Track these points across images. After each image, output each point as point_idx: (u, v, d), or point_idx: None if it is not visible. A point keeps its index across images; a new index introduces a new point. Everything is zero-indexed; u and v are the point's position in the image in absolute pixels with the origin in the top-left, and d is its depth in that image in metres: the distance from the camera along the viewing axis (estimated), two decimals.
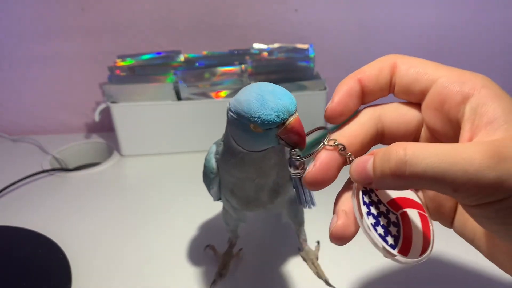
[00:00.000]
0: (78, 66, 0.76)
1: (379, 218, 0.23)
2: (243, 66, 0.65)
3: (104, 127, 0.77)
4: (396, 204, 0.24)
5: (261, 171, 0.34)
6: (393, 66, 0.24)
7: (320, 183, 0.24)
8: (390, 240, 0.23)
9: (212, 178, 0.37)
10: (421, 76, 0.23)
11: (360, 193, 0.23)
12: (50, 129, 0.81)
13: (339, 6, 0.73)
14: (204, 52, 0.71)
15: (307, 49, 0.69)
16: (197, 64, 0.67)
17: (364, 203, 0.23)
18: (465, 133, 0.21)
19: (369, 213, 0.23)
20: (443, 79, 0.22)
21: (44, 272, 0.43)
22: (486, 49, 0.77)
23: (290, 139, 0.28)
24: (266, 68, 0.66)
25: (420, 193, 0.26)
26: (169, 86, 0.64)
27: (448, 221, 0.26)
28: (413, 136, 0.25)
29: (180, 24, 0.73)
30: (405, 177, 0.19)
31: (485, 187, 0.18)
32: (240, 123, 0.28)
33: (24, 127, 0.81)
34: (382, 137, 0.25)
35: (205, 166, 0.38)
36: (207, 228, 0.50)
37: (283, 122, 0.27)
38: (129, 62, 0.69)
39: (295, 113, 0.28)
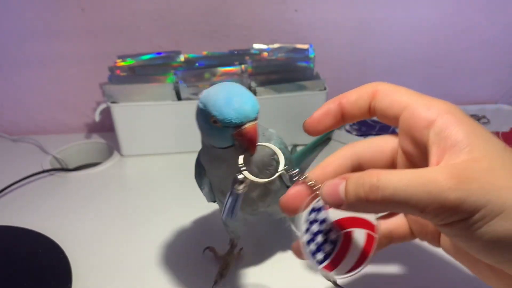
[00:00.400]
0: (78, 66, 0.76)
1: (316, 236, 0.26)
2: (243, 66, 0.65)
3: (104, 127, 0.77)
4: (345, 223, 0.26)
5: (234, 168, 0.33)
6: (373, 92, 0.26)
7: (291, 210, 0.26)
8: (319, 256, 0.26)
9: (200, 178, 0.39)
10: (394, 102, 0.25)
11: (306, 211, 0.26)
12: (50, 129, 0.81)
13: (339, 7, 0.73)
14: (204, 52, 0.71)
15: (307, 49, 0.69)
16: (197, 64, 0.67)
17: (307, 220, 0.26)
18: (432, 156, 0.22)
19: (307, 230, 0.26)
20: (411, 105, 0.24)
21: (44, 271, 0.43)
22: (485, 49, 0.77)
23: (242, 143, 0.30)
24: (266, 68, 0.67)
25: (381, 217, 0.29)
26: (169, 86, 0.64)
27: (435, 240, 0.27)
28: (390, 162, 0.27)
29: (180, 24, 0.73)
30: (377, 202, 0.21)
31: (447, 208, 0.20)
32: (204, 114, 0.30)
33: (24, 127, 0.81)
34: (361, 169, 0.27)
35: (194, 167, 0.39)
36: (207, 228, 0.50)
37: (240, 125, 0.29)
38: (129, 62, 0.69)
39: (254, 120, 0.30)
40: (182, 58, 0.70)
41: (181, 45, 0.74)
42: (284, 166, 0.29)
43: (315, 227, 0.26)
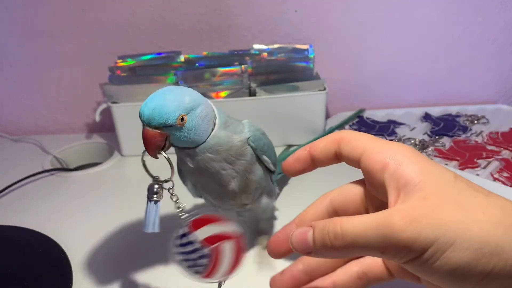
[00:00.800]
0: (79, 66, 0.76)
1: (190, 255, 0.32)
2: (243, 66, 0.65)
3: (105, 127, 0.78)
4: (214, 239, 0.32)
5: (198, 165, 0.36)
6: (338, 140, 0.27)
7: (277, 254, 0.30)
8: (198, 269, 0.32)
9: (181, 175, 0.40)
10: (353, 148, 0.26)
11: (175, 239, 0.32)
12: (51, 129, 0.81)
13: (339, 7, 0.73)
14: (204, 53, 0.71)
15: (306, 50, 0.69)
16: (197, 64, 0.67)
17: (180, 245, 0.32)
18: (390, 197, 0.24)
19: (181, 253, 0.32)
20: (367, 150, 0.25)
21: (45, 271, 0.43)
22: (485, 48, 0.77)
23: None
24: (266, 69, 0.67)
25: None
26: None
27: (414, 277, 0.28)
28: (360, 206, 0.29)
29: (180, 25, 0.73)
30: (342, 248, 0.23)
31: (401, 248, 0.21)
32: None
33: (24, 127, 0.81)
34: (336, 215, 0.29)
35: None
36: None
37: (145, 124, 0.32)
38: (129, 62, 0.69)
39: (155, 127, 0.32)
40: (182, 58, 0.70)
41: (181, 46, 0.74)
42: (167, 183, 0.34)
43: (187, 248, 0.32)
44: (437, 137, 0.67)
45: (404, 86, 0.80)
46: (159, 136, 0.32)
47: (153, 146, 0.33)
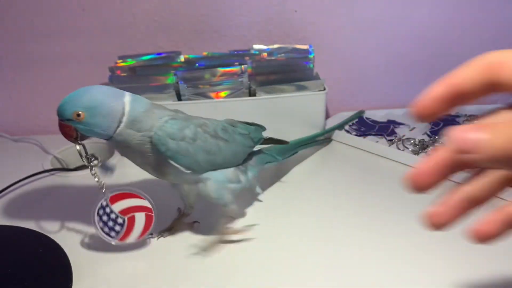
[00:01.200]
0: (79, 66, 0.76)
1: (108, 223, 0.43)
2: (243, 66, 0.65)
3: None
4: (127, 211, 0.44)
5: (122, 151, 0.42)
6: (492, 66, 0.22)
7: (422, 187, 0.22)
8: (113, 234, 0.44)
9: None
10: None
11: (96, 209, 0.43)
12: (51, 129, 0.81)
13: (338, 7, 0.73)
14: (204, 53, 0.71)
15: (306, 50, 0.69)
16: (197, 64, 0.67)
17: (100, 214, 0.44)
18: None
19: (99, 220, 0.44)
20: None
21: (45, 271, 0.43)
22: (485, 48, 0.77)
23: None
24: (265, 69, 0.67)
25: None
26: (170, 87, 0.64)
27: None
28: None
29: (180, 25, 0.73)
30: None
31: None
32: None
33: (25, 127, 0.81)
34: None
35: None
36: (207, 227, 0.51)
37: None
38: (129, 62, 0.69)
39: (63, 120, 0.39)
40: (182, 58, 0.70)
41: (181, 46, 0.74)
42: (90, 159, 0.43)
43: (105, 218, 0.43)
44: (436, 137, 0.67)
45: (404, 86, 0.80)
46: (66, 127, 0.39)
47: (65, 135, 0.40)
